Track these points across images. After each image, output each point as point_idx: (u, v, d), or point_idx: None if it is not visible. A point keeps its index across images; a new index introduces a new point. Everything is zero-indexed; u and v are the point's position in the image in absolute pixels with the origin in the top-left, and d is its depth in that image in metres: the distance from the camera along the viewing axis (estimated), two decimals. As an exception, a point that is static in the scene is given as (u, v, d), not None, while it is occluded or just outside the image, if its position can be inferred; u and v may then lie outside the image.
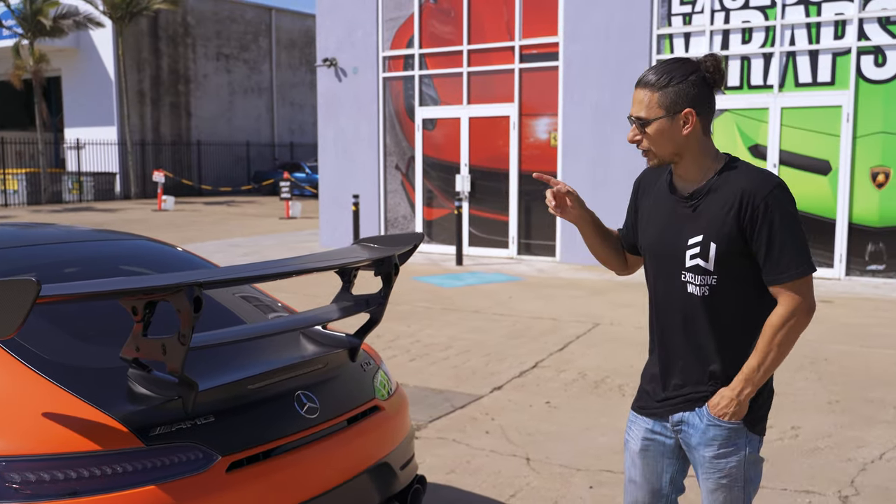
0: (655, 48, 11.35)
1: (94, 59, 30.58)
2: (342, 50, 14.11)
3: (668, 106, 2.25)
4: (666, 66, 2.28)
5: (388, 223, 14.09)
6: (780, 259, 2.21)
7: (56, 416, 2.29)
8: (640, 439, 2.47)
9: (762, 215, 2.20)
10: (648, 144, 2.29)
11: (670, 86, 2.24)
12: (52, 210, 25.00)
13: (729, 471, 2.31)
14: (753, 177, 2.25)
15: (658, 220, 2.40)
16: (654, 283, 2.45)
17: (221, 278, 2.37)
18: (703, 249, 2.27)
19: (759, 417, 2.35)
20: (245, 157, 35.32)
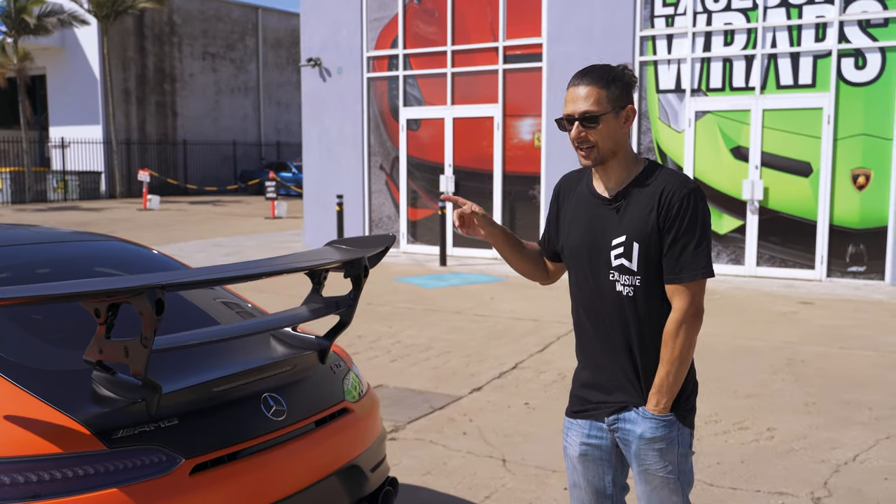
0: (638, 50, 11.39)
1: (80, 58, 30.41)
2: (326, 50, 14.08)
3: (614, 102, 2.31)
4: (603, 67, 2.36)
5: (373, 223, 14.07)
6: (680, 259, 2.28)
7: (17, 418, 2.28)
8: (578, 444, 2.50)
9: (675, 216, 2.27)
10: (595, 139, 2.31)
11: (614, 83, 2.32)
12: (36, 209, 24.83)
13: (666, 463, 2.36)
14: (672, 179, 2.33)
15: (582, 222, 2.44)
16: (579, 286, 2.48)
17: (183, 281, 2.36)
18: (626, 249, 2.33)
19: (688, 410, 2.40)
20: (232, 157, 35.20)
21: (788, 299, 9.43)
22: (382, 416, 5.37)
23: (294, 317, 2.92)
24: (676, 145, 11.31)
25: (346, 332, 7.70)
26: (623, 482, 2.56)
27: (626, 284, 2.34)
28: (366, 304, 9.28)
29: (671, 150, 11.36)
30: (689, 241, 2.27)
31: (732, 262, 11.08)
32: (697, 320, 2.29)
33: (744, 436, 5.01)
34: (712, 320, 8.22)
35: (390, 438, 5.04)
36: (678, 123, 11.27)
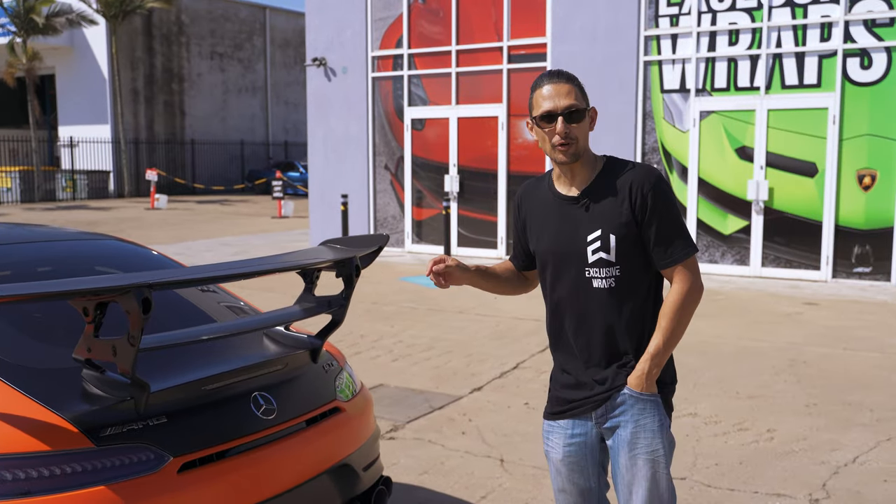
0: (643, 49, 11.36)
1: (88, 58, 30.52)
2: (331, 49, 14.10)
3: (585, 100, 2.40)
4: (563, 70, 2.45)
5: (378, 223, 14.08)
6: (671, 244, 2.36)
7: (6, 415, 2.29)
8: (562, 447, 2.51)
9: (651, 205, 2.35)
10: (577, 134, 2.36)
11: (579, 84, 2.42)
12: (45, 208, 24.94)
13: (656, 445, 2.40)
14: (638, 169, 2.40)
15: (551, 225, 2.47)
16: (554, 288, 2.50)
17: (170, 280, 2.36)
18: (603, 243, 2.37)
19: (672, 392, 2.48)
20: (239, 156, 35.28)
21: (793, 300, 9.39)
22: (382, 416, 5.39)
23: (285, 316, 2.92)
24: (681, 145, 11.28)
25: (349, 331, 7.77)
26: (605, 480, 2.58)
27: (605, 277, 2.39)
28: (370, 303, 9.29)
29: (676, 151, 11.33)
30: (671, 226, 2.37)
31: (737, 263, 11.04)
32: (699, 294, 2.38)
33: (743, 437, 4.99)
34: (716, 321, 8.21)
35: (389, 438, 5.04)
36: (683, 123, 11.24)
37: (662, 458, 2.40)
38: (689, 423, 5.24)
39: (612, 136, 11.49)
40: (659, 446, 2.40)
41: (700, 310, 8.57)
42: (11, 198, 27.26)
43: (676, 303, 2.36)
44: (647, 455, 2.39)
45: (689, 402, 5.66)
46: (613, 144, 11.47)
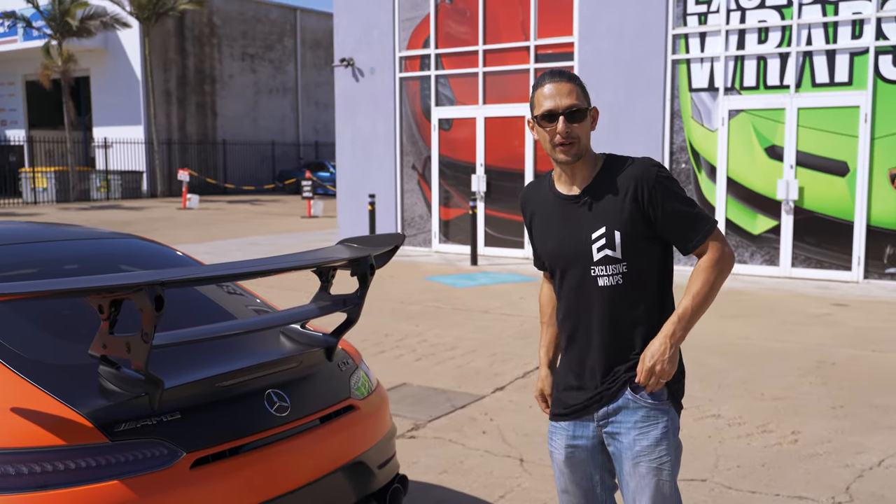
0: (671, 48, 11.27)
1: (122, 59, 30.96)
2: (359, 50, 14.16)
3: (587, 100, 2.39)
4: (564, 70, 2.44)
5: (405, 223, 14.12)
6: (692, 227, 2.35)
7: (24, 410, 2.33)
8: (564, 448, 2.50)
9: (661, 197, 2.33)
10: (579, 133, 2.35)
11: (583, 84, 2.41)
12: (80, 208, 25.33)
13: (659, 453, 2.36)
14: (638, 164, 2.38)
15: (554, 226, 2.47)
16: (562, 288, 2.49)
17: (183, 278, 2.39)
18: (608, 240, 2.35)
19: (679, 391, 2.44)
20: (270, 157, 35.57)
21: (823, 301, 9.27)
22: (404, 415, 5.41)
23: (301, 314, 2.94)
24: (709, 144, 11.17)
25: (374, 330, 7.80)
26: (611, 482, 2.55)
27: (611, 274, 2.37)
28: (396, 302, 9.33)
29: (704, 150, 11.23)
30: (686, 210, 2.35)
31: (766, 263, 10.92)
32: (731, 259, 2.36)
33: (767, 439, 4.93)
34: (743, 321, 8.12)
35: (409, 437, 5.06)
36: (711, 122, 11.13)
37: (667, 465, 2.36)
38: (712, 424, 5.19)
39: (639, 135, 11.42)
40: (663, 454, 2.36)
41: (727, 310, 8.51)
42: (47, 198, 27.72)
43: (709, 266, 2.33)
44: (650, 463, 2.36)
45: (714, 403, 5.61)
46: (641, 144, 11.40)
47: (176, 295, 3.18)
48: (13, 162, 33.48)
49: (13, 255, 3.27)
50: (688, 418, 5.31)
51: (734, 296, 9.55)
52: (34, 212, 23.85)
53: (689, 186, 11.34)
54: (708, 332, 7.60)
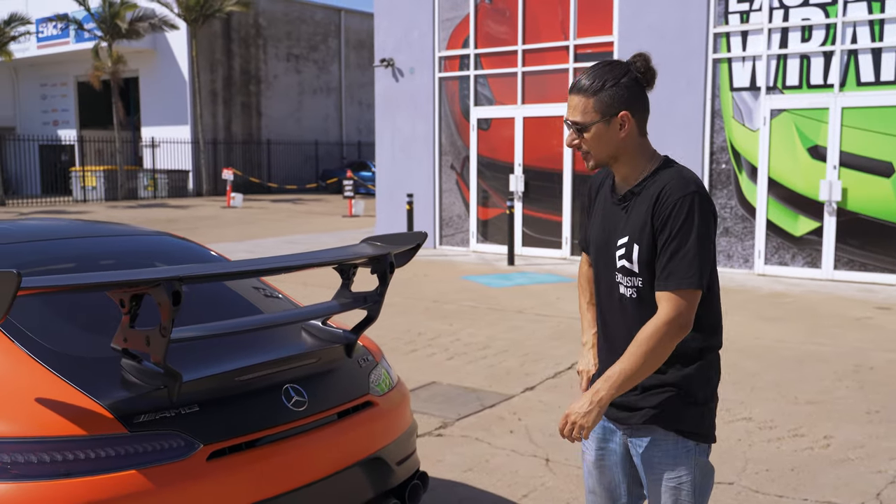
0: (712, 47, 11.14)
1: (170, 60, 31.53)
2: (399, 50, 14.24)
3: (603, 110, 2.24)
4: (598, 71, 2.26)
5: (443, 222, 14.17)
6: (669, 264, 2.18)
7: (49, 401, 2.41)
8: (594, 449, 2.48)
9: (667, 217, 2.19)
10: (587, 147, 2.29)
11: (604, 90, 2.23)
12: (127, 206, 25.86)
13: (679, 472, 2.30)
14: (675, 178, 2.23)
15: (599, 220, 2.43)
16: (595, 285, 2.47)
17: (201, 274, 2.45)
18: (627, 251, 2.28)
19: (706, 427, 2.32)
20: (314, 156, 35.93)
21: (865, 304, 9.08)
22: (432, 413, 5.45)
23: (320, 310, 2.99)
24: (751, 144, 11.02)
25: (407, 329, 7.85)
26: (639, 492, 2.49)
27: (628, 286, 2.30)
28: (430, 301, 9.37)
29: (745, 150, 11.08)
30: (680, 247, 2.17)
31: (808, 265, 10.73)
32: (677, 333, 2.16)
33: (798, 443, 4.86)
34: (780, 324, 8.00)
35: (437, 435, 5.09)
36: (752, 122, 10.98)
37: (687, 485, 2.29)
38: (742, 427, 5.13)
39: (679, 134, 11.31)
40: (683, 472, 2.29)
41: (765, 312, 8.39)
42: (96, 196, 28.36)
43: (648, 333, 2.16)
44: (669, 482, 2.30)
45: (745, 406, 5.54)
46: (681, 144, 11.29)
47: (202, 290, 3.26)
48: (65, 161, 34.34)
49: (54, 250, 3.39)
50: (718, 421, 5.23)
51: (774, 298, 9.41)
52: (83, 209, 24.40)
53: (729, 187, 11.20)
54: (744, 335, 7.51)
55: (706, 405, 2.32)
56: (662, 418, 2.28)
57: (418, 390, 6.02)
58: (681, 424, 2.28)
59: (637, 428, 2.34)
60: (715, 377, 2.36)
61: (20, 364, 2.53)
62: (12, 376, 2.50)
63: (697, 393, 2.29)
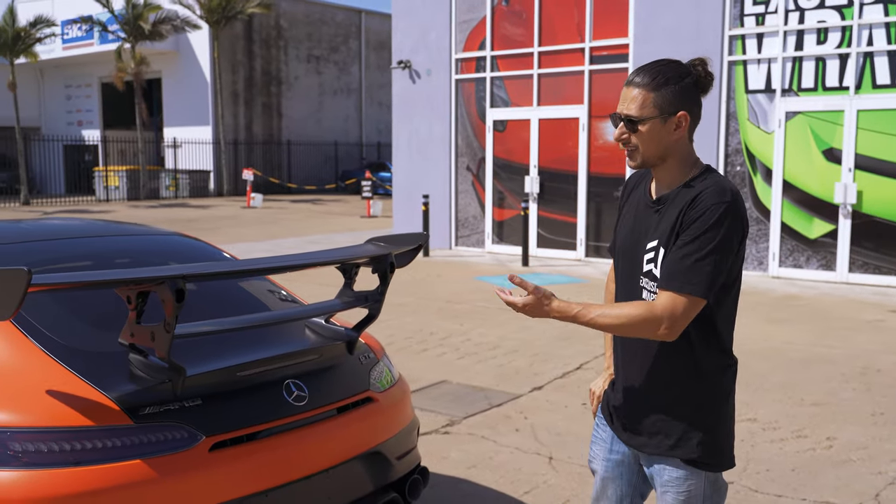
0: (727, 49, 11.15)
1: (192, 62, 31.86)
2: (416, 52, 14.35)
3: (662, 106, 2.18)
4: (660, 67, 2.20)
5: (459, 223, 14.25)
6: (678, 264, 2.12)
7: (59, 393, 2.53)
8: (602, 460, 2.48)
9: (692, 220, 2.14)
10: (637, 142, 2.21)
11: (667, 86, 2.17)
12: (149, 206, 26.16)
13: (689, 486, 2.28)
14: (714, 186, 2.18)
15: (629, 222, 2.38)
16: (618, 287, 2.44)
17: (203, 272, 2.55)
18: (655, 255, 2.23)
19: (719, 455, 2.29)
20: (333, 157, 36.14)
21: (878, 307, 9.07)
22: (440, 411, 5.54)
23: (322, 308, 3.09)
24: (765, 147, 11.01)
25: (419, 328, 7.95)
26: (639, 501, 2.51)
27: (651, 290, 2.24)
28: (443, 301, 9.45)
29: (760, 152, 11.08)
30: (696, 252, 2.11)
31: (822, 268, 10.71)
32: (657, 332, 2.12)
33: (800, 444, 4.90)
34: (791, 326, 8.02)
35: (444, 432, 5.17)
36: (768, 124, 10.97)
37: (696, 499, 2.26)
38: (746, 428, 5.18)
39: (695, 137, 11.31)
40: (692, 487, 2.26)
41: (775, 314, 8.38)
42: (119, 195, 28.72)
43: (639, 314, 2.12)
44: (678, 495, 2.28)
45: (751, 407, 5.58)
46: (696, 145, 11.25)
47: (212, 288, 3.37)
48: (88, 161, 34.80)
49: (71, 248, 3.52)
50: (722, 422, 5.30)
51: (787, 300, 9.41)
52: (105, 209, 24.72)
53: (744, 189, 11.20)
54: (753, 336, 7.54)
55: (721, 431, 2.28)
56: (677, 450, 2.25)
57: (428, 389, 6.11)
58: (693, 454, 2.24)
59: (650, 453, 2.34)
60: (730, 400, 2.31)
61: (33, 358, 2.65)
62: (25, 370, 2.62)
63: (711, 420, 2.26)
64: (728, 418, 2.32)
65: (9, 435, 2.41)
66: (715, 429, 2.26)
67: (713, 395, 2.27)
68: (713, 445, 2.26)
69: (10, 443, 2.39)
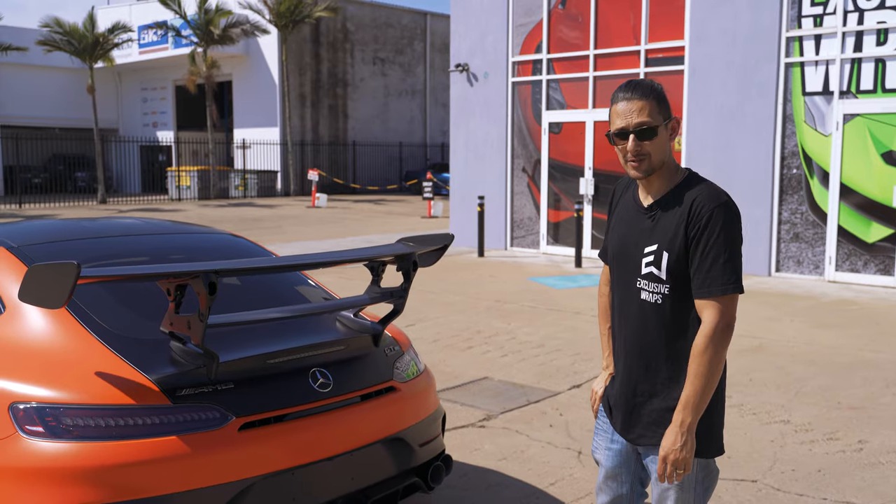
0: (784, 51, 11.05)
1: (261, 65, 32.69)
2: (474, 55, 14.56)
3: (664, 114, 2.37)
4: (645, 81, 2.40)
5: (514, 224, 14.41)
6: (710, 273, 2.28)
7: (106, 374, 2.82)
8: (603, 449, 2.65)
9: (702, 228, 2.29)
10: (650, 150, 2.35)
11: (660, 96, 2.37)
12: (218, 205, 26.96)
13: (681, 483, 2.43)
14: (705, 191, 2.35)
15: (621, 229, 2.54)
16: (614, 290, 2.59)
17: (235, 268, 2.81)
18: (656, 258, 2.38)
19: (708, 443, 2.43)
20: (398, 158, 36.61)
21: (935, 313, 8.91)
22: (478, 406, 5.74)
23: (350, 303, 3.32)
24: (822, 150, 10.88)
25: (466, 326, 8.16)
26: (641, 490, 2.65)
27: (653, 292, 2.39)
28: (493, 301, 9.63)
29: (817, 155, 10.95)
30: (719, 255, 2.27)
31: (881, 273, 10.53)
32: (727, 335, 2.28)
33: (830, 446, 4.95)
34: (839, 331, 7.96)
35: (479, 426, 5.37)
36: (825, 127, 10.84)
37: (688, 482, 2.41)
38: (778, 429, 5.23)
39: (750, 139, 11.27)
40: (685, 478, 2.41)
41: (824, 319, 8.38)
42: (190, 195, 29.67)
43: (701, 346, 2.28)
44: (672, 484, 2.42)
45: (786, 409, 5.63)
46: (751, 148, 11.25)
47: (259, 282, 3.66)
48: (162, 161, 36.04)
49: (132, 245, 3.85)
50: (754, 423, 5.38)
51: (840, 305, 9.31)
52: (176, 208, 25.58)
53: (800, 192, 11.09)
54: (798, 340, 7.52)
55: (710, 420, 2.41)
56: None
57: (469, 385, 6.31)
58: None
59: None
60: (722, 391, 2.45)
61: (85, 343, 2.95)
62: (78, 353, 2.92)
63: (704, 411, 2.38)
64: (719, 408, 2.48)
65: (62, 411, 2.70)
66: (707, 419, 2.41)
67: None
68: (705, 434, 2.41)
69: (63, 418, 2.69)
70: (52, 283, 2.49)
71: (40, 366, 2.87)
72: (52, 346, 2.96)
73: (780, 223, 11.26)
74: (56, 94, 37.39)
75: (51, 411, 2.70)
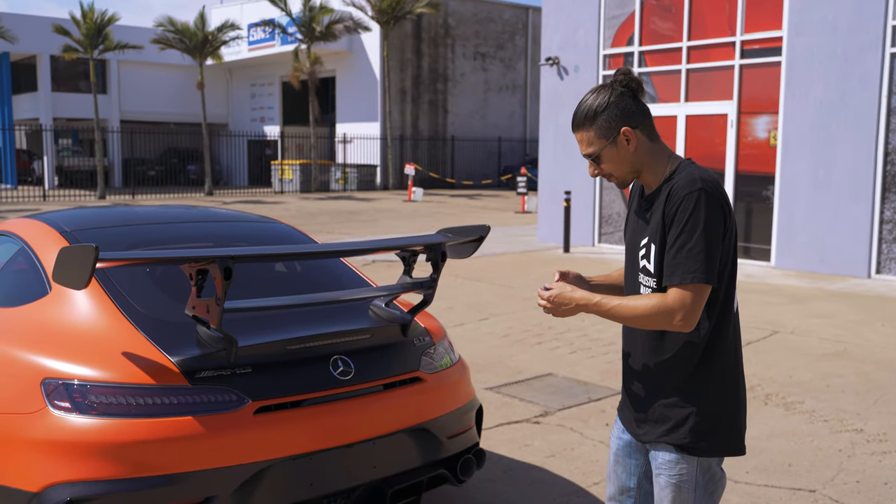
0: (889, 40, 10.44)
1: (363, 61, 33.26)
2: (565, 49, 14.38)
3: (605, 134, 2.34)
4: (584, 107, 2.37)
5: (602, 220, 14.17)
6: (675, 259, 2.25)
7: (130, 354, 2.92)
8: (616, 438, 2.61)
9: (674, 213, 2.26)
10: (609, 170, 2.40)
11: (598, 116, 2.33)
12: (317, 198, 27.61)
13: (680, 470, 2.36)
14: (683, 178, 2.30)
15: (631, 223, 2.53)
16: (625, 283, 2.55)
17: (252, 254, 2.87)
18: (647, 250, 2.36)
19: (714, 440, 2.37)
20: (497, 153, 36.59)
21: None
22: (537, 402, 5.68)
23: (378, 291, 3.35)
24: (931, 145, 10.23)
25: (538, 322, 8.08)
26: (648, 487, 2.58)
27: (647, 286, 2.37)
28: (572, 298, 9.49)
29: (924, 151, 10.31)
30: (685, 243, 2.23)
31: None
32: (672, 324, 2.23)
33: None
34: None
35: (534, 422, 5.31)
36: (933, 121, 10.19)
37: (688, 483, 2.36)
38: (848, 438, 4.97)
39: (850, 134, 10.71)
40: (684, 471, 2.36)
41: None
42: (292, 188, 30.50)
43: (648, 306, 2.25)
44: (669, 478, 2.37)
45: (861, 417, 5.34)
46: (851, 143, 10.69)
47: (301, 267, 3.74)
48: (268, 155, 37.18)
49: (178, 231, 4.00)
50: (824, 430, 5.12)
51: (942, 310, 8.75)
52: (278, 200, 26.35)
53: (905, 190, 10.48)
54: (886, 346, 7.11)
55: (719, 418, 2.36)
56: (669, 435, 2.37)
57: (532, 380, 6.26)
58: (683, 439, 2.34)
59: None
60: (731, 387, 2.38)
61: (117, 323, 3.07)
62: (108, 333, 3.04)
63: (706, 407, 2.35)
64: (728, 405, 2.38)
65: (89, 388, 2.82)
66: (711, 416, 2.34)
67: (710, 383, 2.35)
68: (705, 432, 2.33)
69: (89, 395, 2.81)
70: (76, 264, 2.60)
71: (73, 345, 3.01)
72: (85, 326, 3.09)
73: (881, 222, 10.66)
74: (171, 90, 39.15)
75: (78, 388, 2.82)
